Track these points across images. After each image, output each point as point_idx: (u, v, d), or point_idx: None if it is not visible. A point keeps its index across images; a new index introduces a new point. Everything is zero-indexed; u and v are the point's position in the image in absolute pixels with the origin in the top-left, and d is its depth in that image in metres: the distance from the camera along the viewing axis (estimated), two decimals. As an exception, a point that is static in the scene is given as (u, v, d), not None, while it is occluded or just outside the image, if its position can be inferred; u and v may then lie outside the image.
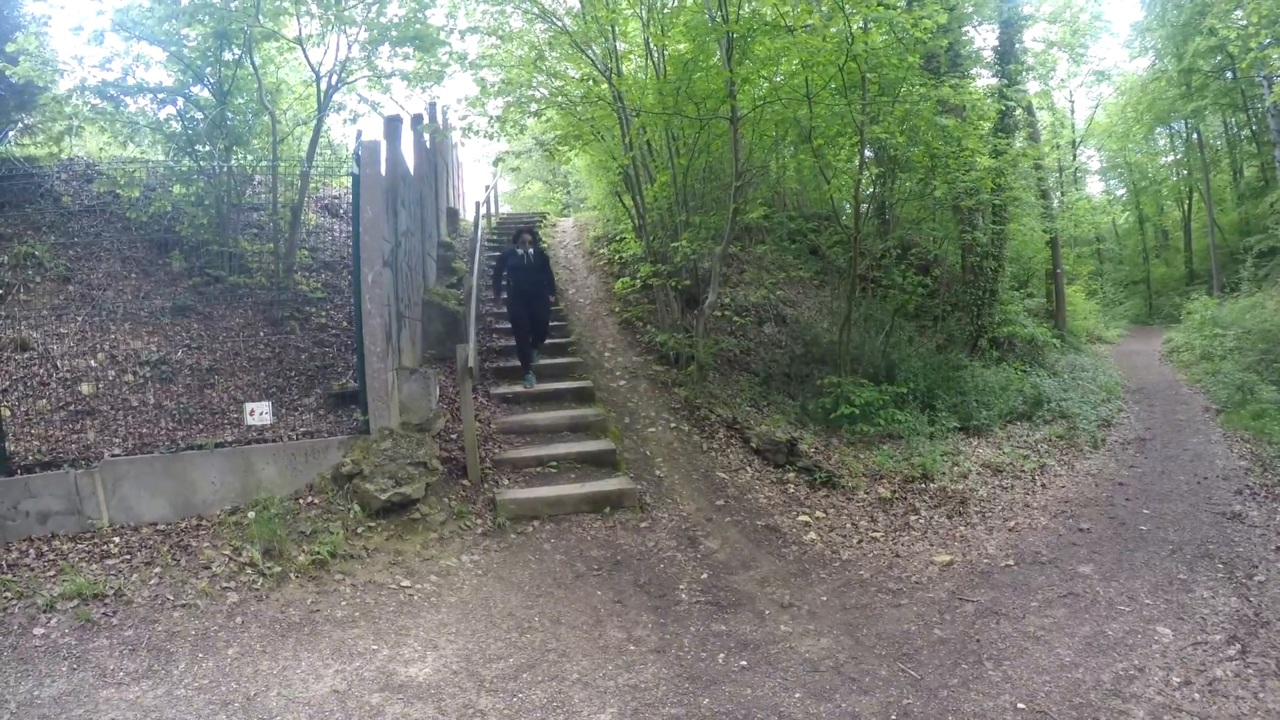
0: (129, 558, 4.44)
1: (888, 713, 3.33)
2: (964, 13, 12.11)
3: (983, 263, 11.52)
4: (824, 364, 9.04)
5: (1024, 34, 13.83)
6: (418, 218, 8.42)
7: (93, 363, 5.77)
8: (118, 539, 4.60)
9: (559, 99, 9.28)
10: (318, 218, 9.14)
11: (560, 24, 8.74)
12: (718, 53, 8.11)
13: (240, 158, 7.77)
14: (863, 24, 7.67)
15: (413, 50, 7.46)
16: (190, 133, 7.38)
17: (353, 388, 5.82)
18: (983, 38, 14.46)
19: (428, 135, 10.45)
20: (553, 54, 9.05)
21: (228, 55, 7.19)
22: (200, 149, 7.40)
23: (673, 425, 7.31)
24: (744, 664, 3.79)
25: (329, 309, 7.41)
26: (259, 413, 5.37)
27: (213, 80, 7.28)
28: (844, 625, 4.26)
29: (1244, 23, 11.94)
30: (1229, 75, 19.16)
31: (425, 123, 10.37)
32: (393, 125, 8.14)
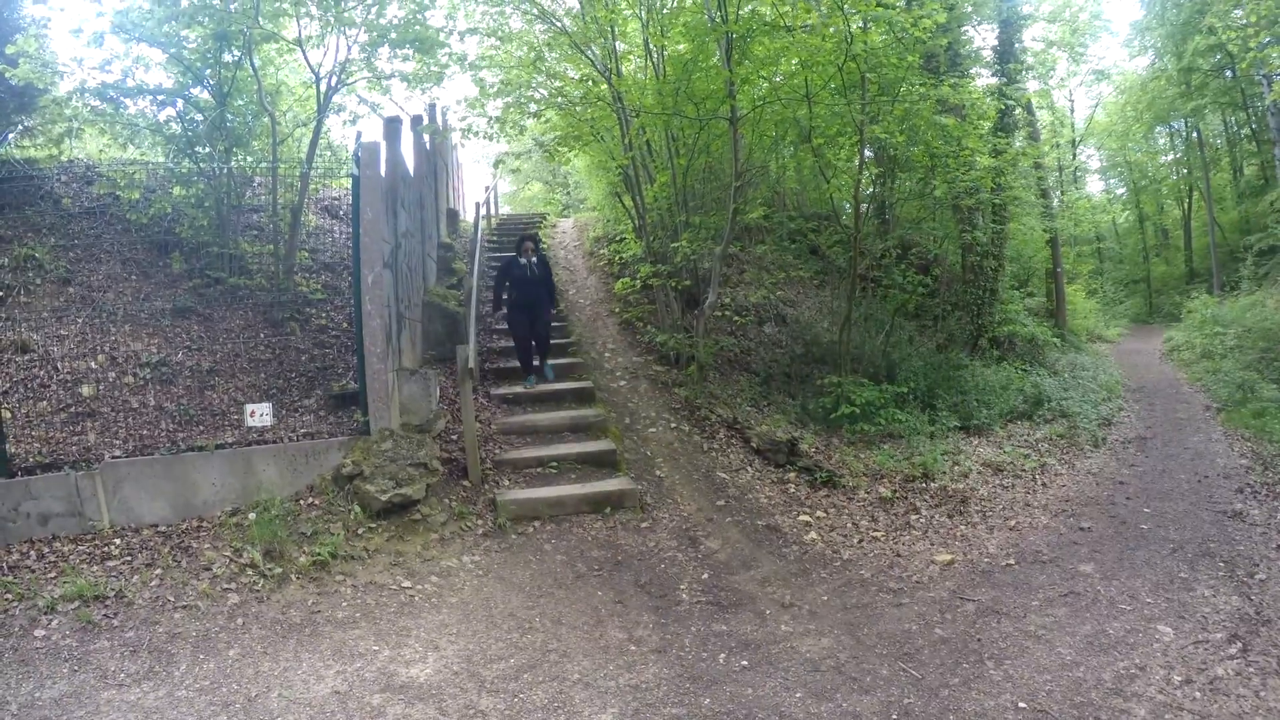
0: (130, 559, 4.45)
1: (889, 712, 3.33)
2: (963, 12, 12.09)
3: (983, 262, 11.51)
4: (824, 364, 9.04)
5: (1023, 33, 13.82)
6: (417, 219, 8.42)
7: (93, 364, 5.77)
8: (118, 540, 4.60)
9: (558, 100, 9.27)
10: (318, 219, 9.13)
11: (559, 25, 8.75)
12: (717, 53, 8.11)
13: (240, 159, 7.77)
14: (862, 23, 7.68)
15: (412, 52, 7.46)
16: (190, 134, 7.38)
17: (353, 389, 5.82)
18: (982, 37, 14.49)
19: (427, 136, 10.45)
20: (552, 55, 9.05)
21: (227, 57, 7.20)
22: (200, 151, 7.41)
23: (673, 425, 7.31)
24: (745, 664, 3.79)
25: (329, 310, 7.41)
26: (259, 414, 5.38)
27: (212, 82, 7.29)
28: (845, 625, 4.26)
29: (1243, 22, 11.96)
30: (1228, 74, 19.18)
31: (425, 124, 10.38)
32: (392, 126, 8.15)
